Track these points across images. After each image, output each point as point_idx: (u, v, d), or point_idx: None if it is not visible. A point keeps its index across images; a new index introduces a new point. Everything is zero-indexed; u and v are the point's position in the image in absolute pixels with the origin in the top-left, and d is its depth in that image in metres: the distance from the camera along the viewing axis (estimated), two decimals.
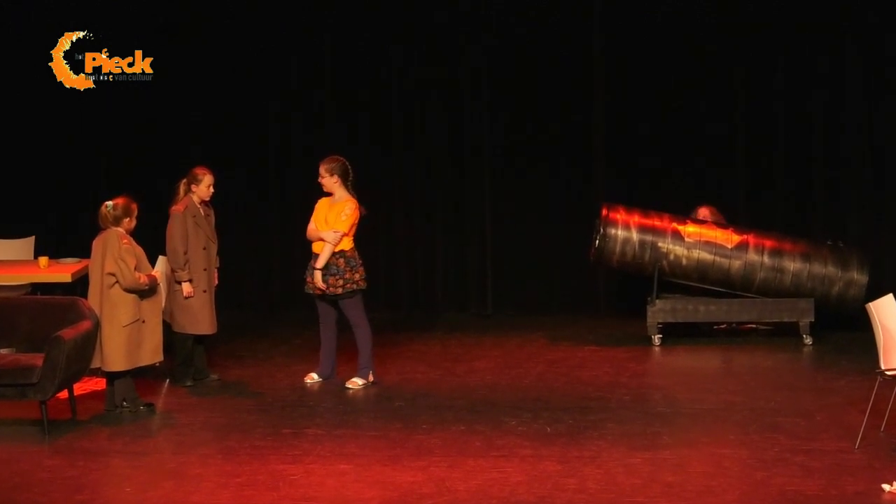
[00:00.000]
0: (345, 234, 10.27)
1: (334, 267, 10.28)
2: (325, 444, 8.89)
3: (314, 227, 10.37)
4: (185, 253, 10.35)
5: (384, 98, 13.57)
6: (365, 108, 13.58)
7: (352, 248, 10.34)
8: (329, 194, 10.41)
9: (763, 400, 9.90)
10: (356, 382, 10.44)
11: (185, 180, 10.53)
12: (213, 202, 10.70)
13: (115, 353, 9.53)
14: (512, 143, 13.52)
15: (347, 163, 10.40)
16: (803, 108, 13.08)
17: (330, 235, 10.27)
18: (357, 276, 10.31)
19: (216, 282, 10.66)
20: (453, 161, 13.61)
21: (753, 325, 12.45)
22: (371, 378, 10.51)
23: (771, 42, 13.04)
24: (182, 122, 13.52)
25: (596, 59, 13.29)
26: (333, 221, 10.29)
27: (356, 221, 10.34)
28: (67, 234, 12.92)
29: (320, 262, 10.28)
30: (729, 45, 13.08)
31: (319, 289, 10.29)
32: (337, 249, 10.27)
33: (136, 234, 9.75)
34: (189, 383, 10.54)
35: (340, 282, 10.27)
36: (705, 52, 13.10)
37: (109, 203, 9.63)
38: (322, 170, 10.38)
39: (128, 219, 9.65)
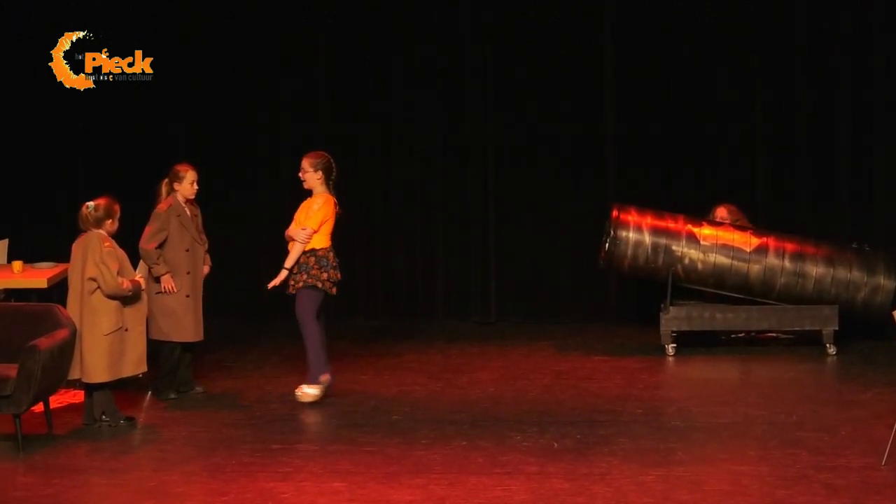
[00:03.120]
0: (315, 231, 10.20)
1: (304, 265, 10.22)
2: (318, 460, 8.88)
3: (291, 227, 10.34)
4: (158, 248, 10.29)
5: (383, 98, 13.57)
6: (363, 109, 13.59)
7: (324, 248, 10.25)
8: (309, 193, 10.35)
9: (784, 413, 9.89)
10: (306, 393, 10.26)
11: (166, 180, 10.51)
12: (201, 203, 10.67)
13: (97, 364, 9.49)
14: (517, 142, 13.51)
15: (332, 160, 10.36)
16: (826, 105, 13.05)
17: (300, 234, 10.21)
18: (324, 276, 10.21)
19: (208, 270, 10.61)
20: (455, 162, 13.59)
21: (774, 334, 12.43)
22: (324, 379, 10.29)
23: (790, 38, 13.03)
24: (178, 122, 13.57)
25: (605, 57, 13.27)
26: (304, 219, 10.23)
27: (328, 218, 10.26)
28: (44, 237, 12.89)
29: (289, 262, 10.24)
30: (744, 42, 13.06)
31: (273, 286, 10.25)
32: (308, 248, 10.22)
33: (118, 237, 9.72)
34: (172, 395, 10.52)
35: (304, 276, 10.19)
36: (719, 47, 13.09)
37: (91, 204, 9.60)
38: (305, 164, 10.32)
39: (110, 220, 9.62)
